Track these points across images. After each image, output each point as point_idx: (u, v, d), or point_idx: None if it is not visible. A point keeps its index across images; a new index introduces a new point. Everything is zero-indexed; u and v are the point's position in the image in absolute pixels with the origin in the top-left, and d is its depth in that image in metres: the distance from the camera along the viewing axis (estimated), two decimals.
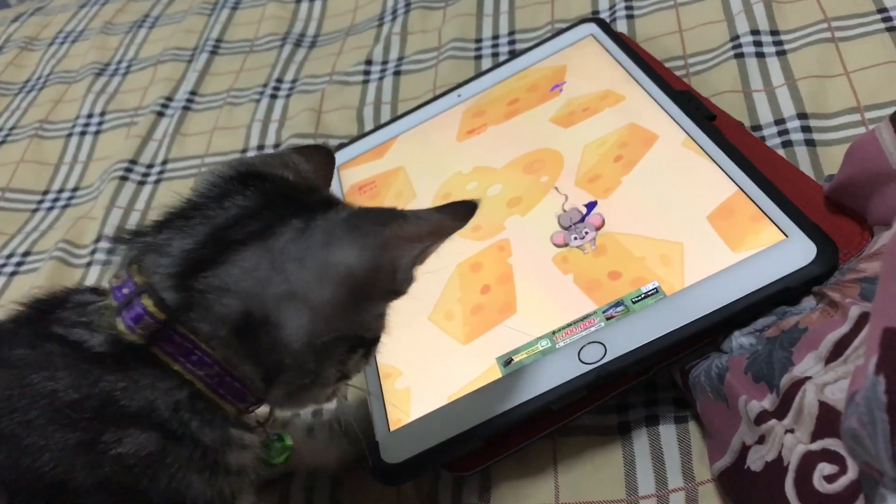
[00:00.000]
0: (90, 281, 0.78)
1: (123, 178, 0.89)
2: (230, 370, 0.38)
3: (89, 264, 0.80)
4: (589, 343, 0.50)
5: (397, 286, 0.41)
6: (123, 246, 0.40)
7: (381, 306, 0.42)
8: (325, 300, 0.38)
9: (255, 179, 0.42)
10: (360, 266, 0.38)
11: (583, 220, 0.58)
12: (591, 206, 0.58)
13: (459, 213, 0.41)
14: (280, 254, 0.38)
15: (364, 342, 0.42)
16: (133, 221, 0.84)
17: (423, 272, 0.60)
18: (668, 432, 0.51)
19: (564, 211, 0.59)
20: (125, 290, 0.37)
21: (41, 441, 0.34)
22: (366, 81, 0.90)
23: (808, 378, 0.42)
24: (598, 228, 0.57)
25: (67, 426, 0.35)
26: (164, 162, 0.91)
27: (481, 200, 0.42)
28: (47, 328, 0.38)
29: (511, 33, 0.87)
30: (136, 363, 0.37)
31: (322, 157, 0.49)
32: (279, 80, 0.96)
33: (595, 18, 0.75)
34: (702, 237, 0.53)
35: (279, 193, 0.42)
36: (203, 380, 0.38)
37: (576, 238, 0.57)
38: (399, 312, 0.44)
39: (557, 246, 0.57)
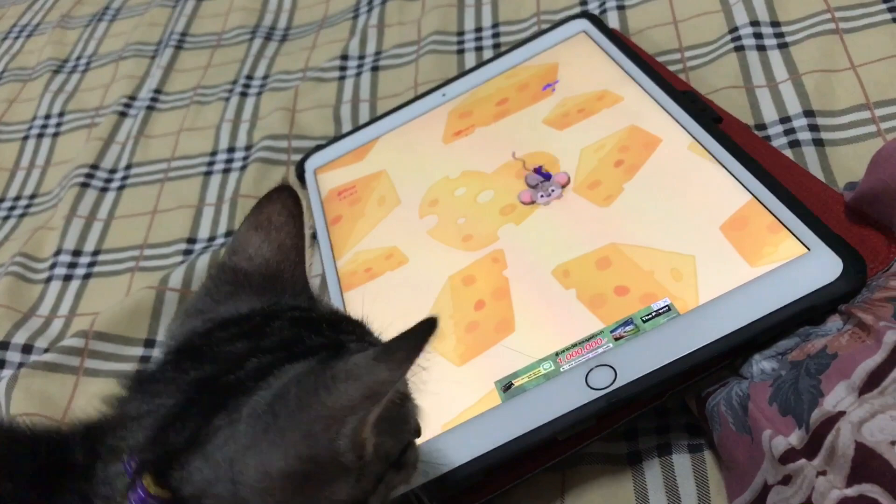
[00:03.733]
0: (49, 298, 0.73)
1: (84, 185, 0.83)
2: None
3: (49, 279, 0.75)
4: (597, 366, 0.47)
5: (348, 465, 0.34)
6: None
7: (344, 483, 0.35)
8: (271, 500, 0.33)
9: (191, 360, 0.38)
10: (292, 467, 0.33)
11: (549, 178, 0.58)
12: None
13: (400, 356, 0.32)
14: (221, 464, 0.33)
15: (369, 493, 0.36)
16: (95, 231, 0.78)
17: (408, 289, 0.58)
18: (682, 462, 0.48)
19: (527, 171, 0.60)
20: (131, 464, 0.35)
21: None
22: (342, 78, 0.85)
23: (842, 413, 0.38)
24: (563, 186, 0.57)
25: None
26: (128, 166, 0.85)
27: (438, 319, 0.33)
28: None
29: (495, 25, 0.83)
30: None
31: (282, 217, 0.43)
32: (249, 77, 0.91)
33: (587, 14, 0.71)
34: (715, 250, 0.49)
35: (208, 381, 0.36)
36: None
37: (542, 196, 0.57)
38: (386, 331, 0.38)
39: (525, 203, 0.58)
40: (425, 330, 0.32)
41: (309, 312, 0.41)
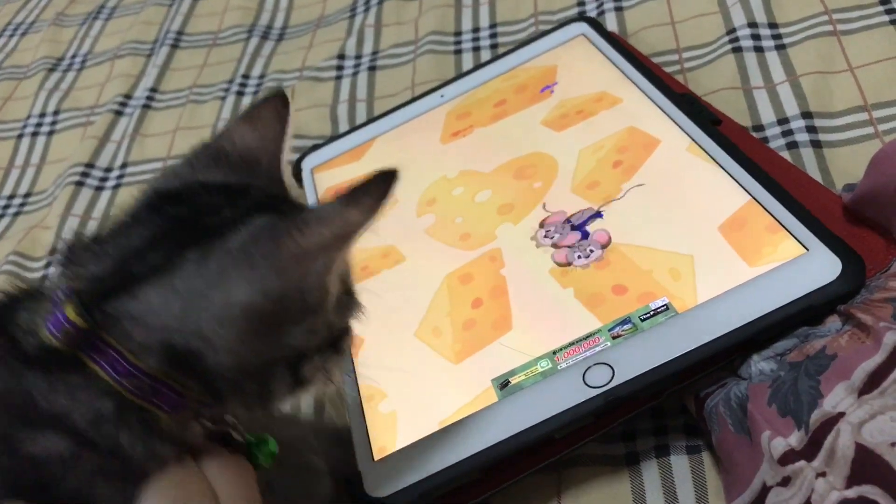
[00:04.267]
0: None
1: (79, 184, 0.83)
2: (166, 381, 0.36)
3: (44, 279, 0.74)
4: (594, 364, 0.46)
5: (312, 306, 0.36)
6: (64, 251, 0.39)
7: (302, 326, 0.37)
8: (234, 339, 0.35)
9: (168, 201, 0.39)
10: (256, 301, 0.34)
11: (587, 236, 0.53)
12: (589, 217, 0.53)
13: (367, 201, 0.35)
14: (182, 293, 0.35)
15: (307, 356, 0.38)
16: (91, 231, 0.78)
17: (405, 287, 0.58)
18: (679, 463, 0.48)
19: (563, 226, 0.54)
20: (56, 297, 0.36)
21: None
22: (339, 77, 0.85)
23: (842, 414, 0.38)
24: (604, 246, 0.52)
25: None
26: (124, 165, 0.85)
27: (399, 171, 0.35)
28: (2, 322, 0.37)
29: (493, 26, 0.83)
30: (61, 370, 0.36)
31: (270, 115, 0.44)
32: (246, 76, 0.90)
33: (586, 17, 0.71)
34: (714, 250, 0.49)
35: (184, 219, 0.38)
36: (133, 391, 0.35)
37: (580, 256, 0.52)
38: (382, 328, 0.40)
39: (560, 265, 0.52)
40: (388, 178, 0.35)
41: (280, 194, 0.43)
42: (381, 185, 0.35)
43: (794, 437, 0.40)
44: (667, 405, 0.49)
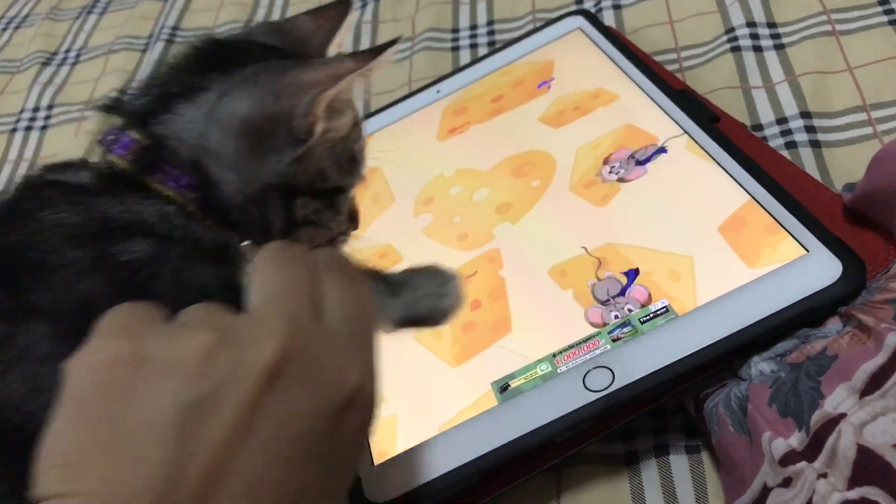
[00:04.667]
0: None
1: None
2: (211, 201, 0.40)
3: None
4: (594, 368, 0.46)
5: (295, 132, 0.40)
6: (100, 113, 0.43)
7: (288, 154, 0.41)
8: (231, 151, 0.40)
9: (213, 44, 0.45)
10: (251, 115, 0.40)
11: (623, 292, 0.50)
12: (632, 274, 0.50)
13: (363, 55, 0.41)
14: (203, 106, 0.41)
15: (298, 191, 0.42)
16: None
17: None
18: (679, 463, 0.48)
19: (599, 279, 0.51)
20: (109, 136, 0.41)
21: (63, 263, 0.36)
22: None
23: (843, 415, 0.38)
24: (643, 305, 0.48)
25: (79, 246, 0.37)
26: None
27: (399, 39, 0.43)
28: (41, 180, 0.41)
29: (490, 23, 0.83)
30: (125, 190, 0.39)
31: (331, 12, 0.49)
32: None
33: (582, 11, 0.71)
34: (713, 251, 0.48)
35: (222, 56, 0.44)
36: (193, 202, 0.40)
37: (616, 316, 0.49)
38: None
39: (594, 325, 0.49)
40: (388, 43, 0.41)
41: None
42: (380, 47, 0.41)
43: (795, 437, 0.40)
44: (666, 404, 0.49)
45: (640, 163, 0.54)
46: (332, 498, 0.31)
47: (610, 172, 0.55)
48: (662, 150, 0.54)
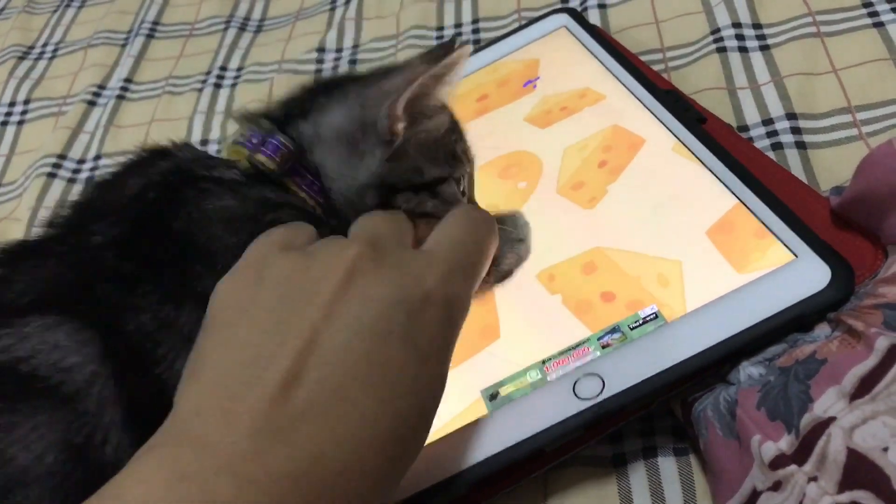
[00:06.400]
0: None
1: (51, 175, 0.81)
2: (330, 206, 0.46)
3: None
4: (584, 375, 0.46)
5: (381, 135, 0.44)
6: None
7: (378, 155, 0.45)
8: (333, 160, 0.45)
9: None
10: (345, 125, 0.45)
11: None
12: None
13: (434, 55, 0.46)
14: (313, 123, 0.47)
15: (396, 188, 0.45)
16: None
17: None
18: (667, 465, 0.47)
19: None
20: (254, 140, 0.45)
21: (224, 247, 0.41)
22: (319, 70, 0.84)
23: (833, 419, 0.38)
24: None
25: (237, 232, 0.42)
26: (97, 157, 0.83)
27: (467, 45, 0.46)
28: (192, 173, 0.45)
29: (475, 21, 0.82)
30: (271, 187, 0.44)
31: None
32: (223, 68, 0.89)
33: (567, 9, 0.71)
34: (702, 255, 0.49)
35: (328, 81, 0.50)
36: (320, 206, 0.45)
37: None
38: None
39: None
40: (451, 41, 0.49)
41: None
42: (447, 45, 0.49)
43: (785, 441, 0.40)
44: (655, 407, 0.49)
45: None
46: (418, 379, 0.35)
47: None
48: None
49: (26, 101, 0.93)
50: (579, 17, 0.69)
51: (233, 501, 0.29)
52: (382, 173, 0.45)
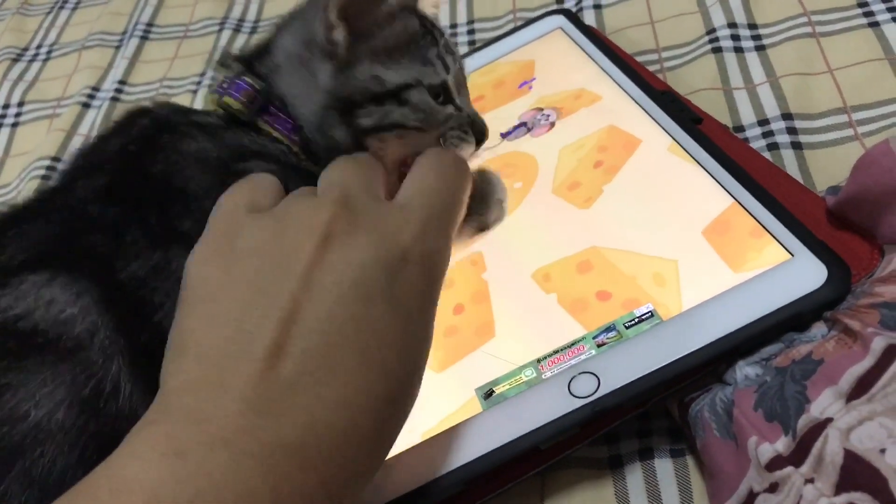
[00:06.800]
0: None
1: (45, 178, 0.81)
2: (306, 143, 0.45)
3: None
4: (580, 373, 0.46)
5: (323, 46, 0.43)
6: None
7: (327, 69, 0.44)
8: (294, 87, 0.45)
9: None
10: (293, 47, 0.45)
11: None
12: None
13: None
14: (277, 49, 0.46)
15: (356, 103, 0.44)
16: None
17: None
18: (664, 467, 0.47)
19: None
20: (224, 85, 0.45)
21: (200, 188, 0.41)
22: None
23: (830, 420, 0.38)
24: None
25: (213, 171, 0.42)
26: None
27: None
28: (170, 123, 0.45)
29: (470, 22, 0.82)
30: (246, 129, 0.44)
31: None
32: None
33: (563, 10, 0.70)
34: (698, 255, 0.48)
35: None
36: (297, 143, 0.44)
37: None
38: None
39: None
40: None
41: None
42: None
43: (781, 442, 0.40)
44: (650, 408, 0.49)
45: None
46: (404, 337, 0.36)
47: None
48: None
49: (20, 104, 0.93)
50: (575, 18, 0.69)
51: (229, 474, 0.29)
52: (336, 88, 0.43)
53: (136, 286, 0.39)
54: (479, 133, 0.49)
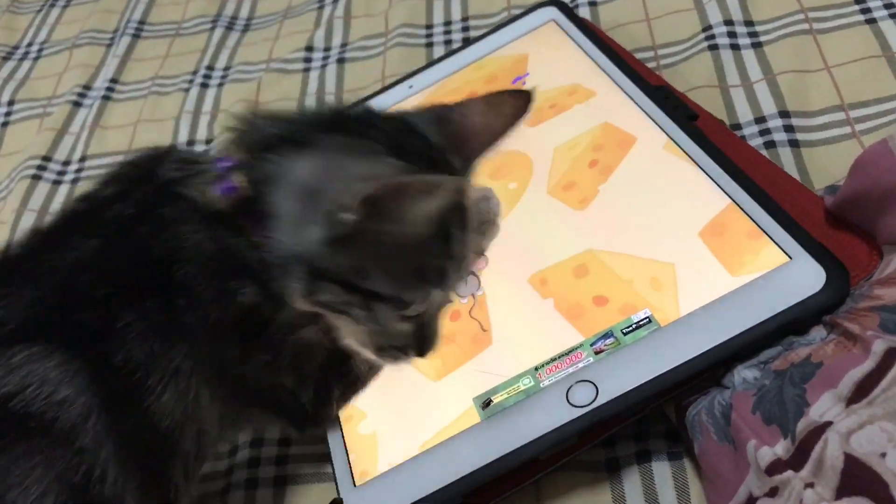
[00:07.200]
0: None
1: (36, 177, 0.80)
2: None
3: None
4: (577, 382, 0.45)
5: (331, 217, 0.41)
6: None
7: (317, 232, 0.41)
8: (286, 208, 0.41)
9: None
10: (305, 181, 0.41)
11: None
12: None
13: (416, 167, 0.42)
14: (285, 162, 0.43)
15: (325, 275, 0.41)
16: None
17: None
18: (661, 470, 0.47)
19: None
20: (224, 164, 0.42)
21: (202, 291, 0.41)
22: (307, 70, 0.83)
23: (829, 424, 0.38)
24: None
25: (211, 278, 0.41)
26: (83, 158, 0.82)
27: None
28: (169, 187, 0.43)
29: (465, 19, 0.81)
30: (230, 229, 0.42)
31: (509, 109, 0.47)
32: (210, 68, 0.88)
33: (556, 2, 0.69)
34: (695, 257, 0.48)
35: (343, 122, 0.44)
36: (273, 261, 0.41)
37: None
38: None
39: None
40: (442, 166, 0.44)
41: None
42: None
43: (781, 446, 0.39)
44: (648, 411, 0.48)
45: None
46: None
47: None
48: None
49: (10, 103, 0.92)
50: (568, 10, 0.68)
51: None
52: (317, 254, 0.40)
53: (131, 370, 0.38)
54: (419, 349, 0.46)
